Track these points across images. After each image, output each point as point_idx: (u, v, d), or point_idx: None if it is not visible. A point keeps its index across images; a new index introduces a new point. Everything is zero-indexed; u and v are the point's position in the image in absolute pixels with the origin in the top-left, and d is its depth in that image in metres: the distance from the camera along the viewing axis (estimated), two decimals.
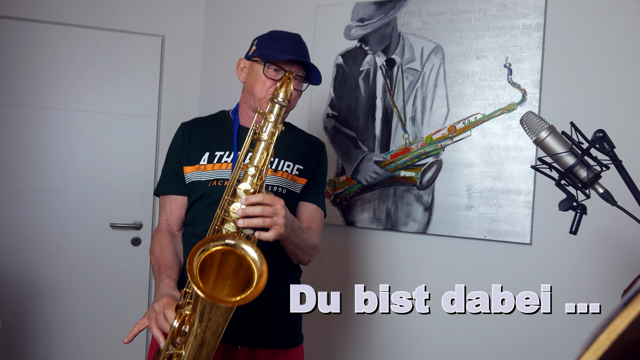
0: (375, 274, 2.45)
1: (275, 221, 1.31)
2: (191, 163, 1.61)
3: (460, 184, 2.28)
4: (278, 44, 1.57)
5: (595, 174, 1.11)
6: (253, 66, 1.59)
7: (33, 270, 2.72)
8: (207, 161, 1.60)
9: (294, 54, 1.55)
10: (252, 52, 1.60)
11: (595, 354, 0.52)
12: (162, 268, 1.52)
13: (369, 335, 2.46)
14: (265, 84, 1.55)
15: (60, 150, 2.77)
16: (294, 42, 1.59)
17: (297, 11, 2.67)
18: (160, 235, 1.63)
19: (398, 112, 2.41)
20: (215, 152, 1.61)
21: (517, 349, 2.18)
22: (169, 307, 1.32)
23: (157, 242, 1.61)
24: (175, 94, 2.93)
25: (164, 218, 1.66)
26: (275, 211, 1.30)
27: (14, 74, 2.70)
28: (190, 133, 1.66)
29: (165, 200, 1.67)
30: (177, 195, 1.65)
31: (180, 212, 1.65)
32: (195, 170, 1.61)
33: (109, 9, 2.82)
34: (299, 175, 1.66)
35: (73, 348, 2.78)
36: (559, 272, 2.13)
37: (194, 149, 1.62)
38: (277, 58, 1.53)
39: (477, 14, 2.26)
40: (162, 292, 1.41)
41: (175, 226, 1.66)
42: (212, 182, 1.58)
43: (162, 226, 1.65)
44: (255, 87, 1.57)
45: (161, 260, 1.54)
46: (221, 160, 1.60)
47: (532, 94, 2.16)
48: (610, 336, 0.52)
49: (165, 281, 1.46)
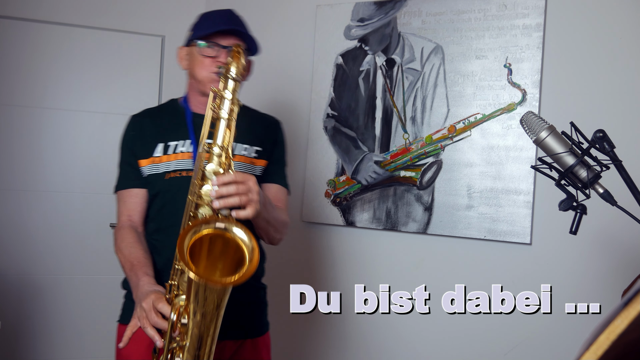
0: (375, 274, 2.45)
1: (250, 198, 1.28)
2: (145, 156, 1.55)
3: (460, 184, 2.28)
4: (208, 22, 1.56)
5: (595, 174, 1.10)
6: (191, 51, 1.57)
7: (33, 270, 2.72)
8: (162, 152, 1.55)
9: (225, 24, 1.53)
10: (187, 40, 1.59)
11: (595, 354, 0.52)
12: (135, 266, 1.45)
13: (369, 335, 2.46)
14: (204, 63, 1.52)
15: (60, 150, 2.77)
16: (225, 15, 1.57)
17: (297, 11, 2.67)
18: (124, 233, 1.54)
19: (398, 112, 2.41)
20: (169, 142, 1.56)
21: (517, 349, 2.18)
22: (159, 302, 1.28)
23: (123, 240, 1.52)
24: (175, 94, 2.92)
25: (125, 214, 1.57)
26: (248, 188, 1.28)
27: (14, 74, 2.70)
28: (141, 125, 1.61)
29: (125, 195, 1.59)
30: (137, 189, 1.57)
31: (143, 206, 1.58)
32: (150, 163, 1.55)
33: (109, 9, 2.82)
34: (257, 157, 1.62)
35: (73, 348, 2.78)
36: (559, 272, 2.13)
37: (147, 141, 1.57)
38: (207, 32, 1.51)
39: (477, 14, 2.26)
40: (145, 290, 1.35)
41: (139, 221, 1.58)
42: (169, 174, 1.54)
43: (124, 223, 1.57)
44: (196, 69, 1.54)
45: (132, 258, 1.47)
46: (176, 150, 1.55)
47: (532, 94, 2.16)
48: (610, 336, 0.52)
49: (144, 279, 1.40)
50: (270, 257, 1.77)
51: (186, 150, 1.55)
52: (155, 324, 1.27)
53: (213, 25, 1.53)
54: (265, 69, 2.80)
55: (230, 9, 1.61)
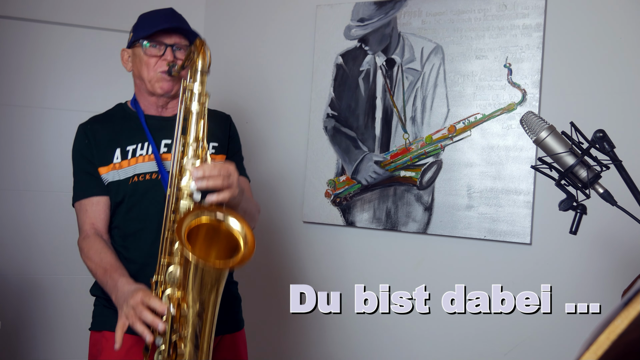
0: (375, 274, 2.45)
1: (231, 181, 1.30)
2: (104, 163, 1.53)
3: (460, 184, 2.28)
4: (150, 22, 1.55)
5: (595, 174, 1.11)
6: (135, 52, 1.56)
7: (34, 270, 2.72)
8: (121, 157, 1.53)
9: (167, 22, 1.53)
10: (130, 40, 1.59)
11: (595, 354, 0.52)
12: (108, 270, 1.42)
13: (369, 335, 2.46)
14: (150, 63, 1.52)
15: (60, 150, 2.76)
16: (166, 14, 1.57)
17: (297, 11, 2.67)
18: (90, 241, 1.51)
19: (398, 112, 2.41)
20: (126, 147, 1.54)
21: (517, 349, 2.18)
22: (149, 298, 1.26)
23: (91, 248, 1.49)
24: None
25: (87, 223, 1.54)
26: (228, 171, 1.30)
27: (14, 74, 2.70)
28: (93, 132, 1.58)
29: (86, 204, 1.54)
30: (98, 197, 1.54)
31: (106, 213, 1.55)
32: (111, 169, 1.53)
33: (109, 9, 2.81)
34: (215, 152, 1.63)
35: (73, 348, 2.77)
36: (559, 272, 2.13)
37: (103, 148, 1.54)
38: (150, 32, 1.51)
39: (477, 14, 2.26)
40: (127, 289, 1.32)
41: (103, 229, 1.55)
42: (132, 179, 1.52)
43: (88, 231, 1.53)
44: (142, 70, 1.54)
45: (104, 263, 1.44)
46: (135, 154, 1.53)
47: (532, 94, 2.16)
48: (610, 336, 0.52)
49: (122, 280, 1.37)
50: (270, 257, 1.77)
51: (146, 153, 1.54)
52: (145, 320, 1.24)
53: (155, 24, 1.52)
54: (265, 69, 2.81)
55: (171, 7, 1.61)
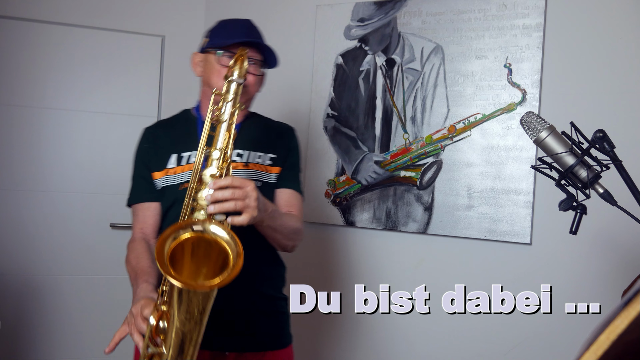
0: (375, 274, 2.45)
1: (247, 203, 1.24)
2: (159, 168, 1.56)
3: (460, 184, 2.28)
4: (227, 31, 1.53)
5: (595, 174, 1.10)
6: (207, 58, 1.56)
7: (33, 270, 2.72)
8: (176, 164, 1.55)
9: (244, 35, 1.51)
10: (204, 45, 1.58)
11: (595, 354, 0.52)
12: (138, 275, 1.44)
13: (369, 335, 2.46)
14: (221, 73, 1.49)
15: (60, 150, 2.77)
16: (244, 26, 1.56)
17: (297, 11, 2.67)
18: (134, 245, 1.54)
19: (398, 112, 2.41)
20: (182, 153, 1.56)
21: (517, 349, 2.18)
22: (146, 307, 1.25)
23: (132, 251, 1.52)
24: (175, 94, 2.92)
25: (137, 227, 1.57)
26: (246, 193, 1.24)
27: (14, 74, 2.70)
28: (155, 137, 1.61)
29: (137, 209, 1.59)
30: (149, 202, 1.57)
31: (155, 219, 1.58)
32: (164, 175, 1.55)
33: (109, 9, 2.82)
34: (272, 164, 1.60)
35: (73, 348, 2.78)
36: (559, 272, 2.13)
37: (161, 153, 1.56)
38: (227, 42, 1.49)
39: (477, 14, 2.26)
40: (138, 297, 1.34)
41: (151, 234, 1.58)
42: (183, 185, 1.52)
43: (136, 235, 1.57)
44: (212, 77, 1.53)
45: (137, 268, 1.46)
46: (189, 161, 1.55)
47: (532, 94, 2.16)
48: (610, 336, 0.52)
49: (143, 285, 1.38)
50: None
51: None
52: (139, 329, 1.24)
53: (232, 36, 1.51)
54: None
55: (249, 19, 1.60)
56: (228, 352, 1.53)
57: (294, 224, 1.54)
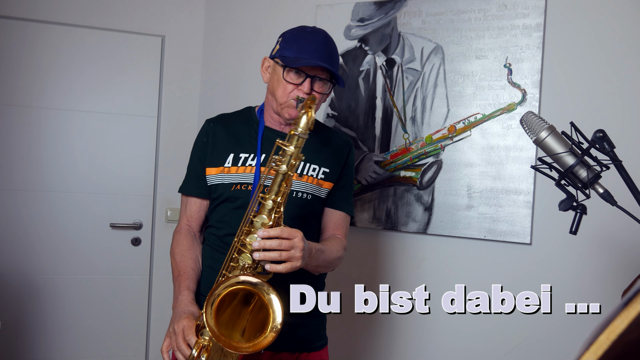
0: (375, 274, 2.45)
1: (292, 255, 1.29)
2: (215, 164, 1.57)
3: (460, 184, 2.28)
4: (300, 45, 1.48)
5: (595, 174, 1.10)
6: (276, 67, 1.53)
7: (33, 270, 2.72)
8: (232, 163, 1.56)
9: (316, 57, 1.47)
10: (275, 52, 1.54)
11: (595, 354, 0.52)
12: (181, 276, 1.51)
13: (369, 335, 2.46)
14: (287, 89, 1.49)
15: (60, 150, 2.77)
16: (318, 42, 1.50)
17: (297, 11, 2.67)
18: (181, 237, 1.60)
19: (398, 112, 2.41)
20: (239, 154, 1.56)
21: (517, 349, 2.18)
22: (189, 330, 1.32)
23: (178, 245, 1.59)
24: (175, 94, 2.93)
25: (184, 219, 1.64)
26: (292, 245, 1.29)
27: (14, 74, 2.70)
28: (214, 132, 1.61)
29: (187, 201, 1.64)
30: (197, 198, 1.62)
31: (201, 214, 1.63)
32: (220, 172, 1.56)
33: (109, 9, 2.82)
34: (324, 179, 1.59)
35: (73, 348, 2.78)
36: (559, 272, 2.13)
37: (218, 150, 1.58)
38: (297, 64, 1.46)
39: (477, 14, 2.26)
40: (181, 310, 1.41)
41: (196, 228, 1.64)
42: (235, 186, 1.54)
43: (183, 227, 1.63)
44: (277, 90, 1.51)
45: (181, 266, 1.53)
46: (245, 163, 1.55)
47: (532, 94, 2.16)
48: (610, 336, 0.52)
49: (184, 293, 1.46)
50: None
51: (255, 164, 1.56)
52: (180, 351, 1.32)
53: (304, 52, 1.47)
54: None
55: (325, 33, 1.55)
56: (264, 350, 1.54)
57: (335, 254, 1.57)
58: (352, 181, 1.69)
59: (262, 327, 1.26)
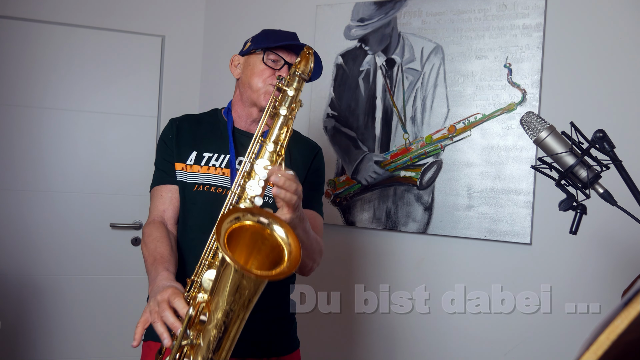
0: (375, 274, 2.45)
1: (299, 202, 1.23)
2: (179, 160, 1.53)
3: (460, 184, 2.28)
4: (274, 37, 1.51)
5: (595, 174, 1.10)
6: (249, 60, 1.53)
7: (33, 270, 2.72)
8: (194, 161, 1.51)
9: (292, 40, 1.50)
10: (246, 48, 1.55)
11: (595, 354, 0.52)
12: (157, 260, 1.36)
13: (369, 335, 2.46)
14: (264, 74, 1.48)
15: (60, 150, 2.77)
16: (292, 35, 1.56)
17: (297, 11, 2.67)
18: (152, 227, 1.47)
19: (398, 112, 2.41)
20: (203, 153, 1.52)
21: (517, 349, 2.18)
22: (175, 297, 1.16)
23: (150, 235, 1.45)
24: (175, 94, 2.93)
25: (159, 208, 1.52)
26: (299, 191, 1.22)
27: (14, 74, 2.70)
28: (179, 129, 1.57)
29: (160, 190, 1.54)
30: (173, 185, 1.53)
31: (177, 203, 1.53)
32: (182, 169, 1.52)
33: (109, 10, 2.82)
34: None
35: (73, 348, 2.78)
36: (559, 272, 2.13)
37: (182, 146, 1.54)
38: (277, 43, 1.47)
39: (477, 14, 2.26)
40: (162, 284, 1.24)
41: (171, 219, 1.53)
42: (197, 187, 1.49)
43: (155, 217, 1.51)
44: (253, 78, 1.50)
45: (156, 253, 1.39)
46: (209, 163, 1.51)
47: (532, 94, 2.16)
48: (610, 336, 0.52)
49: (163, 273, 1.30)
50: None
51: (219, 166, 1.51)
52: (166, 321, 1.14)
53: (279, 40, 1.49)
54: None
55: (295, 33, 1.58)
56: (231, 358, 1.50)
57: (318, 244, 1.50)
58: (321, 184, 1.63)
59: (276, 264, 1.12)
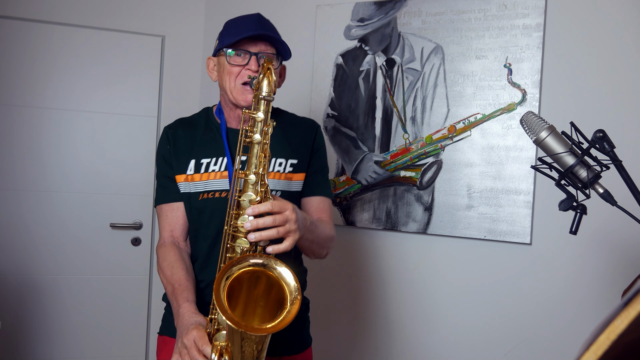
0: (375, 274, 2.45)
1: (288, 228, 1.21)
2: (179, 172, 1.50)
3: (460, 184, 2.28)
4: (237, 29, 1.44)
5: (595, 174, 1.10)
6: (220, 60, 1.48)
7: (33, 270, 2.72)
8: (194, 170, 1.49)
9: (252, 29, 1.43)
10: (215, 49, 1.51)
11: (595, 354, 0.52)
12: (176, 290, 1.38)
13: (369, 336, 2.46)
14: (232, 73, 1.43)
15: (60, 150, 2.77)
16: (253, 20, 1.47)
17: (297, 11, 2.67)
18: (165, 251, 1.48)
19: (398, 112, 2.41)
20: (201, 159, 1.49)
21: (517, 349, 2.18)
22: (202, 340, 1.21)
23: (165, 260, 1.46)
24: (175, 94, 2.93)
25: (167, 229, 1.52)
26: (286, 218, 1.21)
27: (14, 74, 2.70)
28: (175, 137, 1.53)
29: (166, 209, 1.52)
30: (177, 202, 1.51)
31: (184, 220, 1.52)
32: (184, 180, 1.49)
33: (109, 10, 2.82)
34: (294, 171, 1.51)
35: (73, 348, 2.78)
36: (559, 272, 2.13)
37: (180, 156, 1.51)
38: (235, 39, 1.41)
39: (477, 14, 2.26)
40: (186, 322, 1.28)
41: (181, 236, 1.52)
42: (202, 195, 1.47)
43: (166, 239, 1.51)
44: (225, 79, 1.45)
45: (174, 280, 1.41)
46: (208, 169, 1.48)
47: (532, 94, 2.16)
48: (610, 336, 0.52)
49: (185, 306, 1.33)
50: None
51: (218, 170, 1.48)
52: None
53: (240, 32, 1.43)
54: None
55: (258, 13, 1.52)
56: None
57: (328, 232, 1.49)
58: (324, 164, 1.60)
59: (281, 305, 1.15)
